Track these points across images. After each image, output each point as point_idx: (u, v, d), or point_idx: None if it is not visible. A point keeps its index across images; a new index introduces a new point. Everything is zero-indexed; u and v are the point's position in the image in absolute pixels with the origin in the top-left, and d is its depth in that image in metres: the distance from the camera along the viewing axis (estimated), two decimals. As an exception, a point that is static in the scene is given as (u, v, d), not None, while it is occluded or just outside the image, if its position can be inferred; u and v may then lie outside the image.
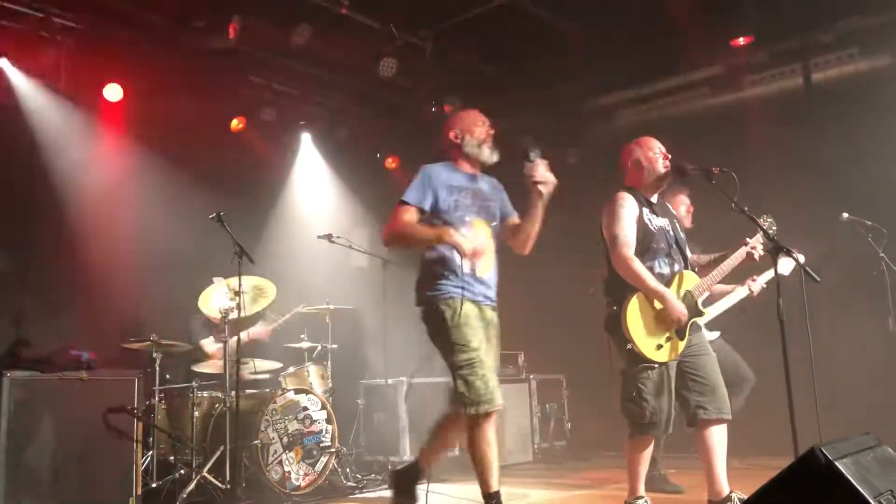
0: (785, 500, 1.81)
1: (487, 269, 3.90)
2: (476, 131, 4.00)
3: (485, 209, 3.97)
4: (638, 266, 3.85)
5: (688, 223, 5.28)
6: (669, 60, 7.40)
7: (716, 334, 5.29)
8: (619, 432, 4.13)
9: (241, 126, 7.35)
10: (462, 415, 3.66)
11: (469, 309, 3.73)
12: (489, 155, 4.01)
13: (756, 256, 4.19)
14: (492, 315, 3.93)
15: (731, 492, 3.94)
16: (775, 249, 3.69)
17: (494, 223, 3.99)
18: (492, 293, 3.93)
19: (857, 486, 1.73)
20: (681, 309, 3.83)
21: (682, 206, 5.31)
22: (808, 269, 3.71)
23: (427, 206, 3.83)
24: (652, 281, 3.85)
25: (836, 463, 1.76)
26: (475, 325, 3.73)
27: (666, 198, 4.86)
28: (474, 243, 3.69)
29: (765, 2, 6.67)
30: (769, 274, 4.94)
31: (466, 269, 3.71)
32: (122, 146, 6.73)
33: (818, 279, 3.63)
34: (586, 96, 8.08)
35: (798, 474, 1.80)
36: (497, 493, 3.65)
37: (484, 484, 3.66)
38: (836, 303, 5.13)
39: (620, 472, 4.99)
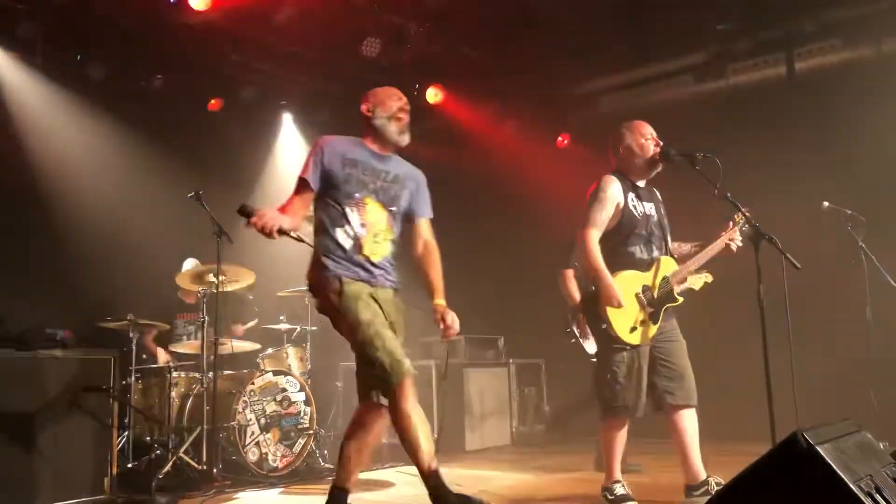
0: (766, 484, 1.81)
1: (382, 254, 3.66)
2: (388, 105, 3.73)
3: (384, 191, 3.67)
4: (592, 247, 3.91)
5: None
6: (653, 47, 7.39)
7: None
8: (596, 417, 4.15)
9: (217, 107, 7.26)
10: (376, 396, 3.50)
11: (359, 287, 3.50)
12: (397, 133, 3.72)
13: (734, 246, 4.20)
14: (391, 296, 3.70)
15: (707, 476, 3.98)
16: (757, 235, 3.70)
17: (394, 208, 3.70)
18: (390, 276, 3.72)
19: (838, 471, 1.74)
20: (616, 296, 3.83)
21: None
22: (788, 255, 3.73)
23: (315, 183, 3.57)
24: (598, 263, 3.87)
25: (818, 448, 1.77)
26: (366, 300, 3.48)
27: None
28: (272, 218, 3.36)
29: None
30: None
31: (353, 252, 3.53)
32: (100, 123, 6.63)
33: (799, 266, 3.65)
34: (571, 82, 8.05)
35: (779, 459, 1.81)
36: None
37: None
38: (814, 291, 5.16)
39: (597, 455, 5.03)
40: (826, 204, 5.32)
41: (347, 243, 3.55)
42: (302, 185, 3.58)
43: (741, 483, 1.85)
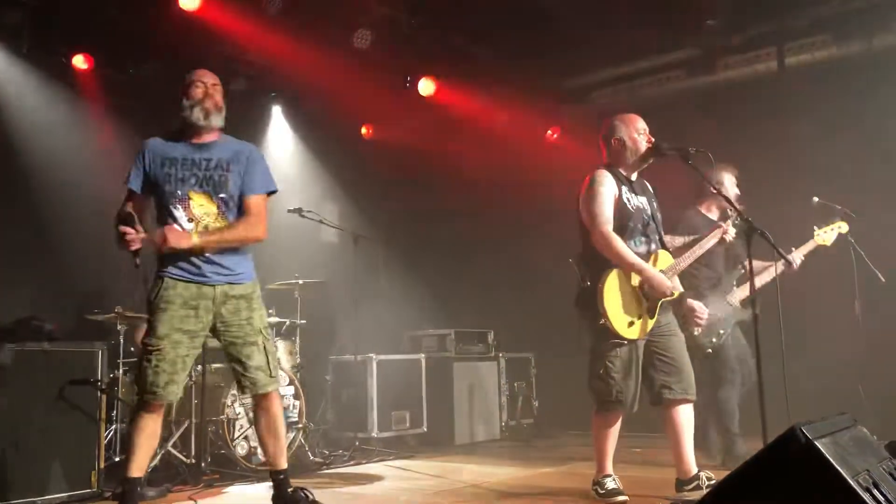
0: (764, 478, 1.80)
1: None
2: (191, 93, 3.68)
3: (208, 180, 3.63)
4: (619, 243, 3.85)
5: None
6: (645, 41, 7.37)
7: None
8: (587, 411, 4.14)
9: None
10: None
11: (175, 293, 3.54)
12: (203, 119, 3.66)
13: (728, 239, 4.21)
14: (222, 290, 3.63)
15: (698, 470, 3.99)
16: (749, 230, 3.70)
17: (223, 195, 3.64)
18: (227, 270, 3.65)
19: (836, 466, 1.73)
20: (667, 282, 3.84)
21: (728, 183, 5.17)
22: (780, 250, 3.74)
23: (137, 188, 3.62)
24: (632, 257, 3.85)
25: (816, 442, 1.76)
26: (174, 311, 3.52)
27: (715, 172, 4.80)
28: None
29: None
30: (810, 245, 4.99)
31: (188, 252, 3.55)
32: (87, 113, 6.57)
33: (790, 260, 3.65)
34: (563, 75, 8.03)
35: (778, 453, 1.80)
36: (135, 480, 3.61)
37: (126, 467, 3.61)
38: (804, 285, 5.17)
39: (587, 450, 5.03)
40: (816, 199, 5.32)
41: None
42: (128, 192, 3.65)
43: (740, 477, 1.84)
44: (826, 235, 5.06)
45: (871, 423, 4.13)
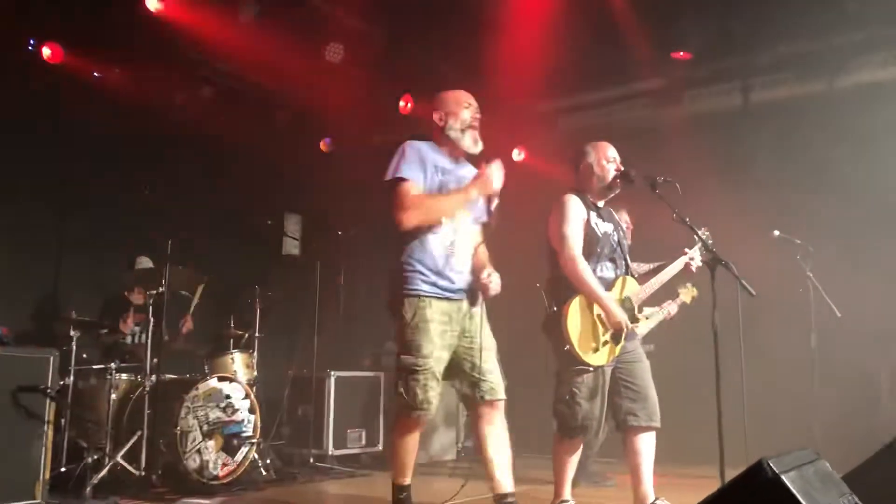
0: (731, 511, 1.81)
1: (466, 262, 3.74)
2: (461, 115, 3.73)
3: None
4: (583, 268, 3.86)
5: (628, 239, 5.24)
6: (612, 70, 7.47)
7: (650, 347, 5.32)
8: (543, 434, 4.14)
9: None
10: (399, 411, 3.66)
11: (435, 310, 3.57)
12: (471, 143, 3.75)
13: (693, 268, 4.25)
14: (468, 308, 3.74)
15: (655, 498, 4.00)
16: (713, 261, 3.74)
17: (473, 216, 3.78)
18: (467, 287, 3.74)
19: (802, 501, 1.74)
20: (622, 316, 3.85)
21: (623, 223, 5.27)
22: (743, 281, 3.78)
23: (421, 183, 3.58)
24: (595, 285, 3.86)
25: (783, 476, 1.77)
26: (436, 327, 3.57)
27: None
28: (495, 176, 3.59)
29: (708, 20, 6.79)
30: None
31: (442, 263, 3.59)
32: (49, 113, 6.40)
33: (754, 293, 3.70)
34: (530, 98, 8.09)
35: (744, 486, 1.81)
36: (408, 487, 3.78)
37: (398, 475, 3.76)
38: (762, 318, 5.25)
39: (543, 473, 5.02)
40: (776, 233, 5.43)
41: (439, 256, 3.60)
42: (409, 182, 3.55)
43: (706, 509, 1.85)
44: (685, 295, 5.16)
45: (823, 456, 4.21)
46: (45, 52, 6.22)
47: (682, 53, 7.09)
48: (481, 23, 6.77)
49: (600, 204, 4.14)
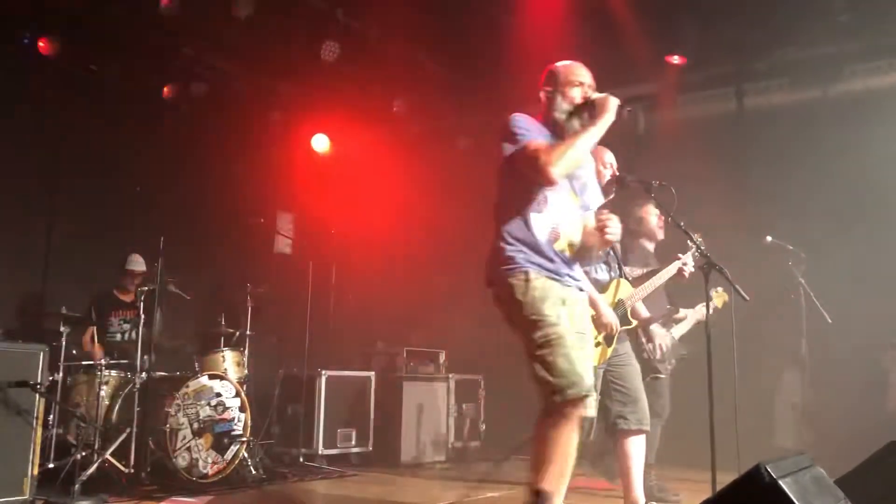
0: (728, 515, 1.81)
1: (572, 249, 3.21)
2: (570, 95, 3.20)
3: (577, 181, 3.25)
4: None
5: (661, 234, 5.23)
6: (607, 74, 7.47)
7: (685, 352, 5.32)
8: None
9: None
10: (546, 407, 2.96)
11: (548, 284, 3.04)
12: (579, 126, 3.16)
13: (686, 273, 4.26)
14: (580, 297, 3.24)
15: (647, 501, 4.00)
16: (707, 266, 3.75)
17: (580, 205, 3.27)
18: (581, 276, 3.27)
19: (799, 505, 1.75)
20: (612, 318, 3.86)
21: (653, 216, 5.25)
22: (737, 286, 3.79)
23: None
24: (590, 289, 3.86)
25: (780, 481, 1.77)
26: (555, 299, 3.03)
27: (638, 209, 4.96)
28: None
29: (704, 25, 6.81)
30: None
31: (552, 248, 3.09)
32: (40, 108, 6.36)
33: (747, 298, 3.71)
34: (525, 102, 8.09)
35: (742, 490, 1.81)
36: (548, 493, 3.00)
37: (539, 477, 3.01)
38: (754, 323, 5.27)
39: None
40: (769, 238, 5.45)
41: (543, 236, 3.09)
42: (535, 140, 3.05)
43: (703, 514, 1.85)
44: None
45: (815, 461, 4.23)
46: (39, 45, 6.18)
47: (676, 58, 7.10)
48: (477, 25, 6.78)
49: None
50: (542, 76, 3.30)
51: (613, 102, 3.10)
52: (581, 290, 3.23)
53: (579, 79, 3.23)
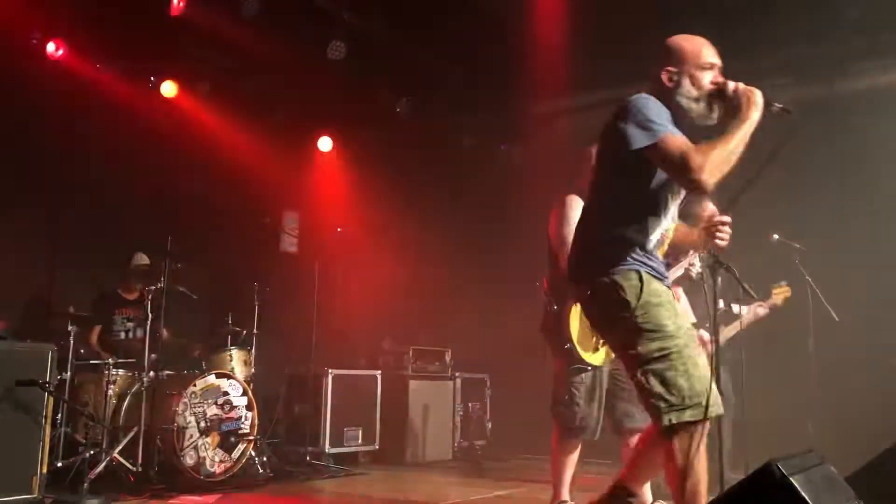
0: (739, 513, 1.81)
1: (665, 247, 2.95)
2: (700, 80, 2.79)
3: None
4: None
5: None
6: (610, 71, 7.47)
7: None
8: (539, 435, 4.14)
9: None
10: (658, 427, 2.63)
11: (662, 288, 2.76)
12: (708, 114, 2.83)
13: (693, 273, 4.25)
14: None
15: (654, 500, 4.00)
16: (715, 264, 3.74)
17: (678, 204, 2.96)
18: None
19: (811, 503, 1.74)
20: None
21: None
22: (745, 285, 3.79)
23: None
24: None
25: (791, 479, 1.77)
26: (669, 306, 2.73)
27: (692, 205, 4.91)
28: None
29: (709, 23, 6.79)
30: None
31: (654, 250, 2.80)
32: (46, 107, 6.38)
33: (755, 296, 3.71)
34: (529, 99, 8.10)
35: (753, 488, 1.81)
36: None
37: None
38: (761, 321, 5.26)
39: (539, 474, 5.02)
40: (776, 236, 5.44)
41: (654, 238, 2.80)
42: (672, 134, 2.62)
43: (714, 511, 1.85)
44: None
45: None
46: (49, 47, 6.19)
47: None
48: (482, 23, 6.78)
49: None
50: (662, 52, 2.85)
51: (759, 96, 2.74)
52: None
53: (711, 60, 2.83)
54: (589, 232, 2.88)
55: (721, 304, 5.14)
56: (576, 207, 3.97)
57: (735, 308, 5.22)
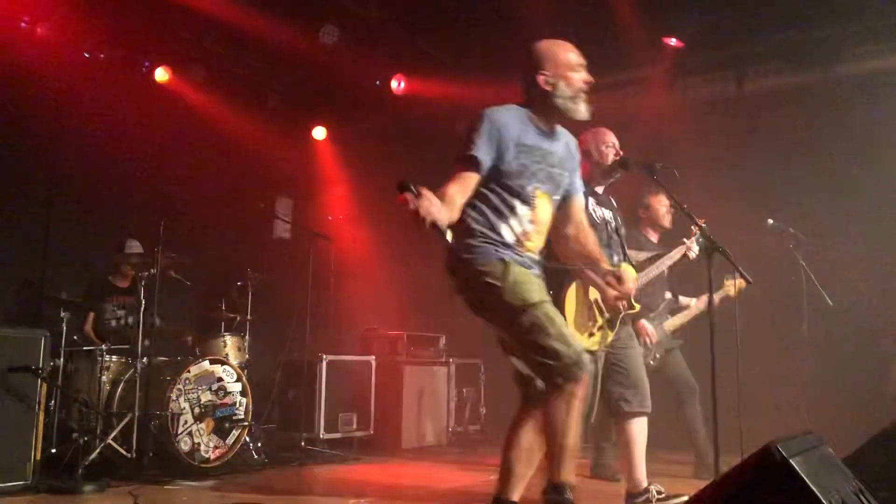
0: (739, 493, 1.81)
1: (538, 249, 3.18)
2: (574, 80, 3.04)
3: (551, 179, 3.12)
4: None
5: (667, 223, 5.27)
6: (607, 56, 7.44)
7: (679, 342, 5.33)
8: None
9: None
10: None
11: (523, 269, 2.99)
12: (585, 113, 3.08)
13: (691, 256, 4.26)
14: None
15: (649, 484, 4.01)
16: (711, 248, 3.74)
17: (557, 197, 3.18)
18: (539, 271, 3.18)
19: (811, 485, 1.75)
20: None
21: (663, 206, 5.27)
22: (740, 269, 3.79)
23: (486, 166, 2.96)
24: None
25: (791, 460, 1.77)
26: (533, 284, 2.98)
27: (648, 196, 4.99)
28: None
29: (704, 8, 6.77)
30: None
31: (516, 247, 3.03)
32: (36, 93, 6.32)
33: (751, 280, 3.71)
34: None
35: (752, 470, 1.81)
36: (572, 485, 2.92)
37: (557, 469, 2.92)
38: (756, 305, 5.27)
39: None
40: (770, 221, 5.44)
41: (510, 239, 3.04)
42: (468, 164, 2.94)
43: (712, 492, 1.85)
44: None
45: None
46: (37, 29, 6.13)
47: (673, 40, 7.06)
48: (476, 6, 6.74)
49: (599, 190, 4.13)
50: (535, 58, 3.09)
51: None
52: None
53: (579, 60, 3.10)
54: (462, 228, 3.04)
55: (668, 295, 5.18)
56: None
57: (683, 300, 5.28)
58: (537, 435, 3.03)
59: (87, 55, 6.60)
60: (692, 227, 4.12)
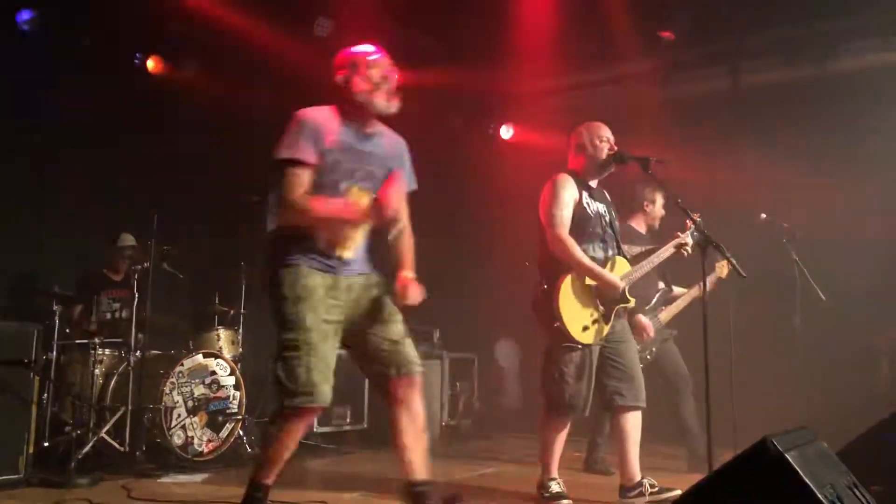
0: (734, 487, 1.82)
1: (356, 247, 3.26)
2: (367, 73, 3.19)
3: (369, 176, 3.22)
4: (572, 245, 3.87)
5: (660, 214, 5.32)
6: (600, 51, 7.44)
7: (674, 332, 5.35)
8: (527, 413, 4.16)
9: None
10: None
11: (317, 281, 3.12)
12: (385, 107, 3.24)
13: (685, 252, 4.27)
14: (362, 281, 3.29)
15: (642, 477, 4.03)
16: (705, 242, 3.75)
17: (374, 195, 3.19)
18: (359, 266, 3.30)
19: (806, 479, 1.75)
20: (616, 280, 3.87)
21: (659, 205, 5.29)
22: (734, 262, 3.80)
23: (313, 161, 3.08)
24: (585, 259, 3.87)
25: (786, 455, 1.78)
26: (319, 300, 3.10)
27: (643, 192, 5.00)
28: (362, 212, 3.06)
29: (697, 3, 6.78)
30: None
31: (326, 248, 3.15)
32: (30, 85, 6.27)
33: (744, 274, 3.72)
34: (518, 78, 8.06)
35: (747, 464, 1.81)
36: (268, 487, 3.17)
37: (262, 472, 3.16)
38: (749, 300, 5.30)
39: (527, 452, 5.02)
40: (763, 215, 5.46)
41: (321, 238, 3.14)
42: (296, 165, 3.08)
43: (709, 485, 1.85)
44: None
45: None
46: (27, 22, 6.08)
47: (666, 33, 7.06)
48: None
49: (593, 184, 4.13)
50: (334, 64, 3.31)
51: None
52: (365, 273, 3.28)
53: (373, 58, 3.28)
54: (275, 228, 3.26)
55: (661, 285, 5.19)
56: (566, 186, 3.97)
57: (677, 290, 5.29)
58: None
59: (80, 40, 6.54)
60: (687, 221, 4.12)
